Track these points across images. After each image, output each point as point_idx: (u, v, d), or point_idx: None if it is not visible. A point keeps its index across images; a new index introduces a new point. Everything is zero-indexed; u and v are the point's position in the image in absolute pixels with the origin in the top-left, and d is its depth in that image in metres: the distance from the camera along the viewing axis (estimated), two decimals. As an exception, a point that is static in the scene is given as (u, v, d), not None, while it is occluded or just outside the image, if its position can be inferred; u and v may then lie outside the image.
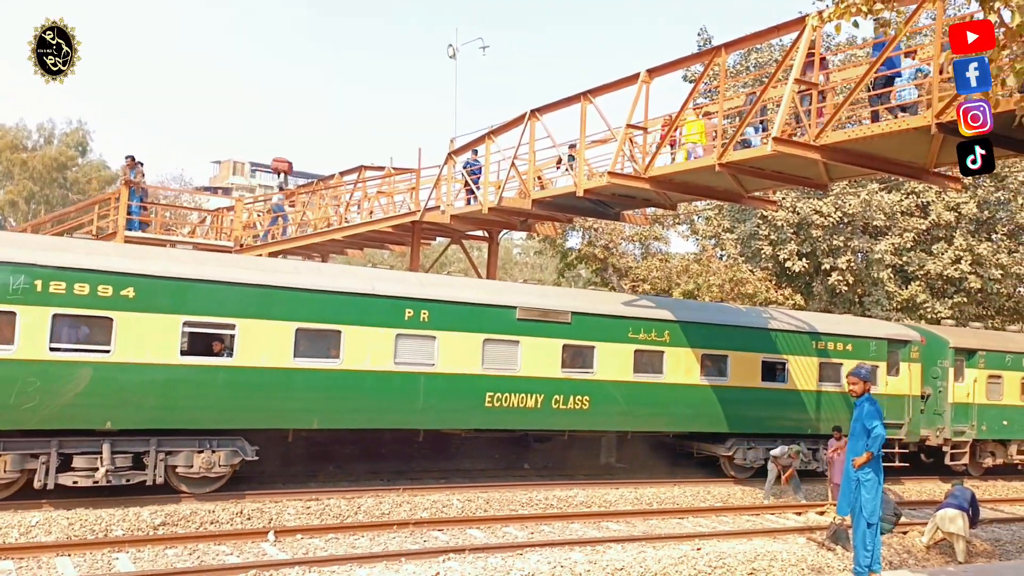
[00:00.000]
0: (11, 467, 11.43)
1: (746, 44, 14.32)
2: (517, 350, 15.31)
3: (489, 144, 17.29)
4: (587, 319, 16.03)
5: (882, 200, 28.17)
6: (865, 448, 9.41)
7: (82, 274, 11.86)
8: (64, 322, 11.79)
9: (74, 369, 11.76)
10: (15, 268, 11.47)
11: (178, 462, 12.60)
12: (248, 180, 78.66)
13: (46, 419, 11.59)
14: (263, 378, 13.10)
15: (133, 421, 12.21)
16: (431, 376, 14.48)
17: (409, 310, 14.33)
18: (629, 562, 10.17)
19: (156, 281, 12.40)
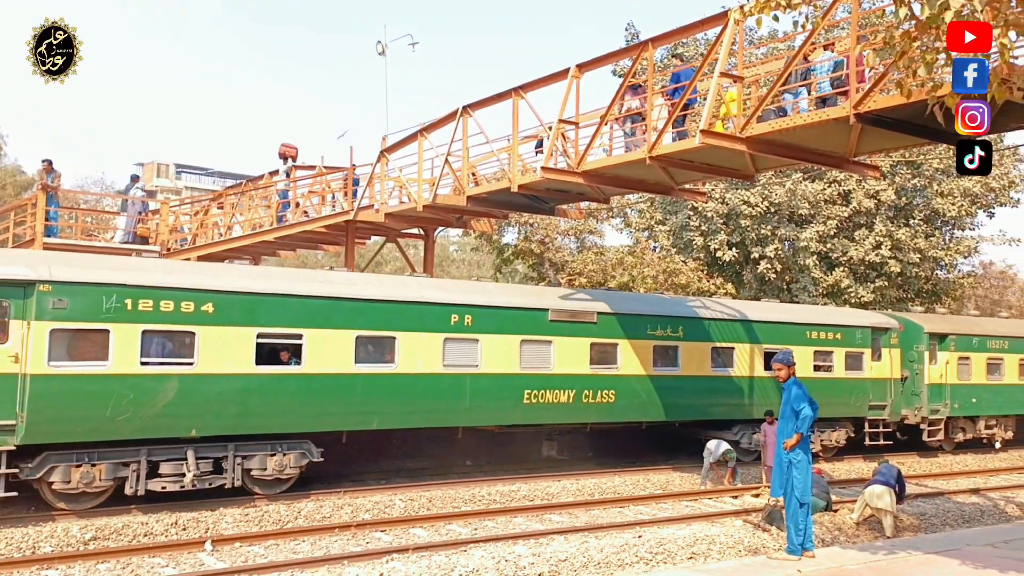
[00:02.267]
0: (106, 476, 12.19)
1: (672, 39, 14.57)
2: (550, 350, 16.30)
3: (422, 141, 17.19)
4: (611, 318, 17.09)
5: (806, 189, 29.05)
6: (795, 430, 9.71)
7: (167, 292, 12.64)
8: (152, 338, 12.54)
9: (162, 382, 12.52)
10: (107, 288, 12.18)
11: (253, 465, 13.36)
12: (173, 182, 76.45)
13: (138, 429, 12.31)
14: (328, 384, 13.96)
15: (214, 428, 12.97)
16: (476, 376, 15.43)
17: (455, 315, 15.27)
18: (572, 552, 10.29)
19: (232, 296, 13.21)
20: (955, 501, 15.33)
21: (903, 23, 7.04)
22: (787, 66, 11.71)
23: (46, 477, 11.86)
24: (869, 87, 10.62)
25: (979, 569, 8.89)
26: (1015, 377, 23.68)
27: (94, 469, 12.11)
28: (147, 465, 12.46)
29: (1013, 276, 47.96)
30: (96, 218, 29.80)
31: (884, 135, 11.92)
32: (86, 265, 12.59)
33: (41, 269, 11.94)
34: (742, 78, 12.67)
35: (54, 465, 11.90)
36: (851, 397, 20.52)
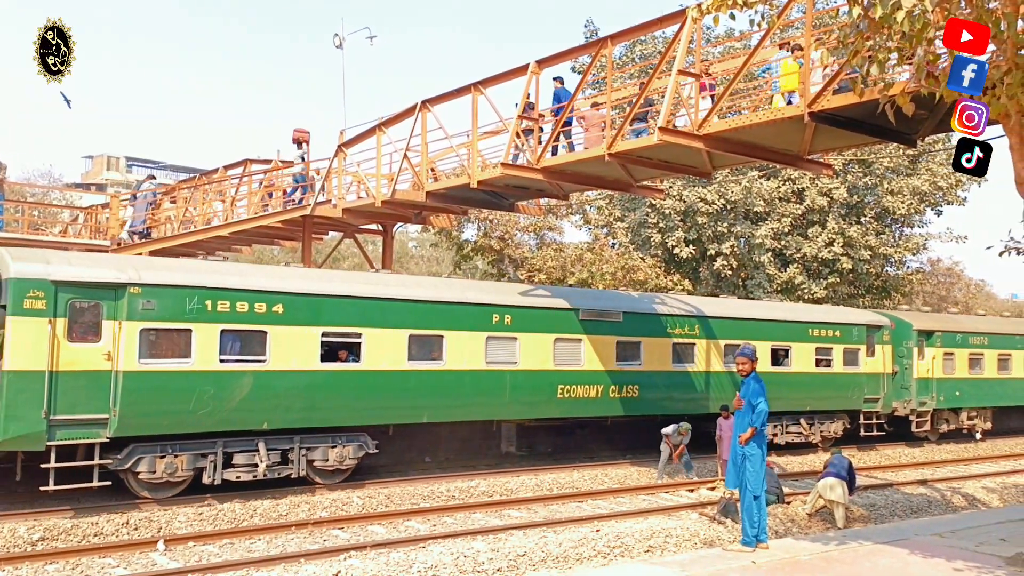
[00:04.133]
0: (186, 466, 12.93)
1: (631, 36, 14.66)
2: (581, 347, 17.19)
3: (380, 136, 17.04)
4: (635, 317, 18.07)
5: (761, 187, 29.50)
6: (749, 424, 9.85)
7: (243, 293, 13.45)
8: (229, 336, 13.31)
9: (238, 378, 13.30)
10: (190, 290, 12.96)
11: (316, 456, 14.10)
12: (124, 176, 74.69)
13: (216, 422, 13.07)
14: (384, 379, 14.75)
15: (283, 421, 13.74)
16: (515, 373, 16.31)
17: (496, 315, 16.14)
18: (531, 547, 10.31)
19: (299, 297, 14.01)
20: (904, 492, 15.71)
21: (857, 22, 7.17)
22: (743, 64, 11.85)
23: (133, 468, 12.55)
24: (824, 85, 10.81)
25: (927, 558, 9.12)
26: (994, 371, 25.05)
27: (176, 460, 12.88)
28: (222, 456, 13.24)
29: (959, 273, 49.36)
30: (43, 212, 29.01)
31: (837, 134, 12.15)
32: (170, 268, 13.52)
33: (131, 272, 12.70)
34: (699, 75, 12.80)
35: (141, 456, 12.61)
36: (848, 391, 21.56)
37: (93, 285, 12.30)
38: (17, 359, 11.65)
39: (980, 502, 15.75)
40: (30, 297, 11.77)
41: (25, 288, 11.78)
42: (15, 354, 11.65)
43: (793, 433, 20.67)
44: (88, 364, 12.11)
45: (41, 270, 12.04)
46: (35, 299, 11.80)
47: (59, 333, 11.92)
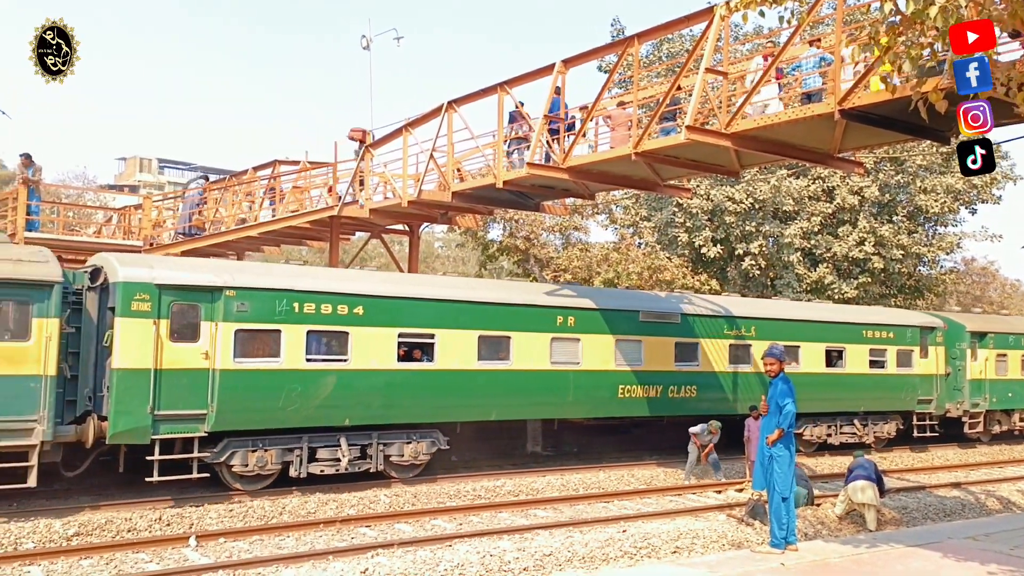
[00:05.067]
0: (275, 460, 13.60)
1: (658, 34, 14.58)
2: (641, 348, 17.54)
3: (406, 136, 17.10)
4: (692, 319, 18.44)
5: (791, 186, 29.20)
6: (776, 425, 9.76)
7: (327, 296, 14.08)
8: (315, 336, 13.95)
9: (323, 376, 13.93)
10: (279, 293, 13.64)
11: (392, 452, 14.71)
12: (156, 177, 75.85)
13: (303, 418, 13.73)
14: (455, 379, 15.33)
15: (363, 418, 14.35)
16: (578, 373, 16.72)
17: (560, 317, 16.61)
18: (557, 547, 10.30)
19: (378, 300, 14.62)
20: (936, 495, 15.47)
21: (888, 18, 7.07)
22: (772, 61, 11.74)
23: (227, 461, 13.20)
24: (854, 83, 10.67)
25: (960, 562, 8.97)
26: None
27: (266, 454, 13.54)
28: (307, 451, 13.88)
29: (994, 272, 48.49)
30: (78, 212, 29.53)
31: (869, 131, 11.99)
32: (261, 272, 14.30)
33: (226, 276, 13.40)
34: (726, 73, 12.70)
35: (235, 450, 13.26)
36: (901, 392, 21.75)
37: (193, 288, 13.01)
38: (126, 358, 12.36)
39: (1015, 505, 15.47)
40: (136, 300, 12.49)
41: (132, 291, 12.49)
42: (124, 353, 12.36)
43: (847, 433, 20.84)
44: (188, 363, 12.84)
45: (146, 274, 12.77)
46: (141, 301, 12.51)
47: (162, 333, 12.65)
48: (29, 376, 11.52)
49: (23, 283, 11.62)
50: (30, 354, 11.57)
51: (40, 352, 11.62)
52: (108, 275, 12.79)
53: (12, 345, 11.50)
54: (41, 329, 11.66)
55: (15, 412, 11.41)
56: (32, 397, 11.50)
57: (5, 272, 11.56)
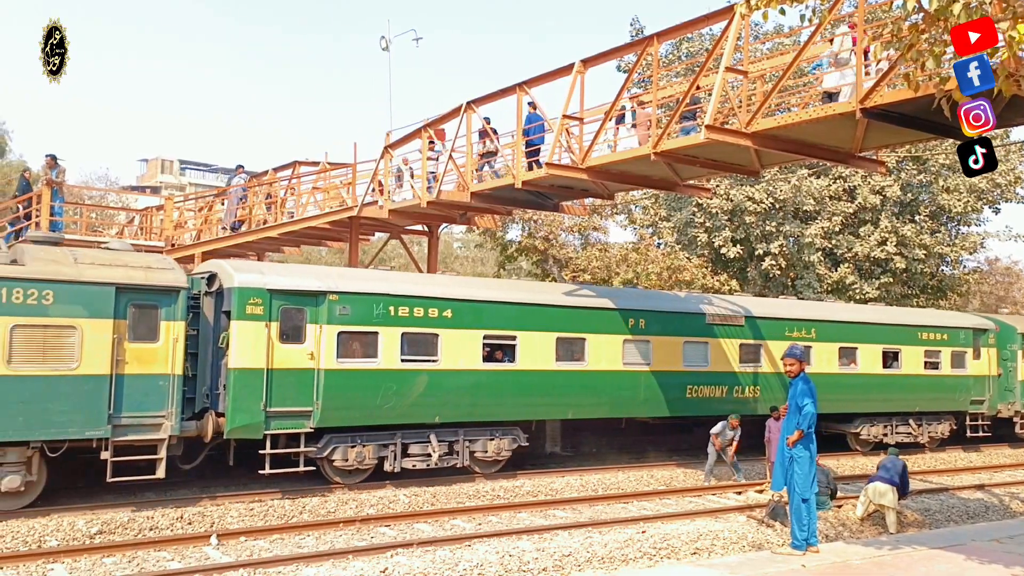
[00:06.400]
0: (372, 456, 14.32)
1: (677, 33, 14.53)
2: (707, 349, 18.12)
3: (426, 137, 17.15)
4: (757, 321, 18.97)
5: (811, 185, 28.95)
6: (796, 426, 9.69)
7: (419, 300, 14.83)
8: (408, 338, 14.62)
9: (416, 376, 14.64)
10: (376, 297, 14.34)
11: (476, 448, 15.35)
12: (178, 178, 76.55)
13: (397, 416, 14.48)
14: (535, 379, 15.97)
15: (451, 416, 15.03)
16: (648, 374, 17.25)
17: (632, 319, 17.15)
18: (576, 548, 10.28)
19: (465, 303, 15.30)
20: (960, 497, 15.29)
21: (911, 15, 7.00)
22: (793, 60, 11.66)
23: (329, 456, 13.94)
24: (876, 81, 10.58)
25: (984, 564, 8.87)
26: None
27: (364, 449, 14.24)
28: (401, 446, 14.60)
29: (1019, 272, 47.83)
30: (101, 213, 29.86)
31: (891, 130, 11.87)
32: (360, 277, 15.01)
33: (329, 281, 14.17)
34: (747, 72, 12.63)
35: (336, 446, 13.99)
36: (955, 393, 22.02)
37: (300, 293, 13.77)
38: (241, 358, 13.13)
39: (1041, 509, 15.25)
40: (250, 304, 13.28)
41: (247, 296, 13.28)
42: (239, 354, 13.13)
43: (903, 433, 21.06)
44: (295, 363, 13.60)
45: (259, 279, 13.56)
46: (254, 305, 13.31)
47: (272, 335, 13.40)
48: (158, 375, 12.39)
49: (153, 289, 12.47)
50: (159, 354, 12.43)
51: (168, 353, 12.49)
52: (223, 281, 13.56)
53: (143, 346, 12.34)
54: (168, 331, 12.52)
55: (147, 408, 12.28)
56: (161, 394, 12.38)
57: (137, 279, 12.37)
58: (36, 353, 11.57)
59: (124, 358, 12.11)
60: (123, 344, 12.13)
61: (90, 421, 11.83)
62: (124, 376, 12.09)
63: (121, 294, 12.14)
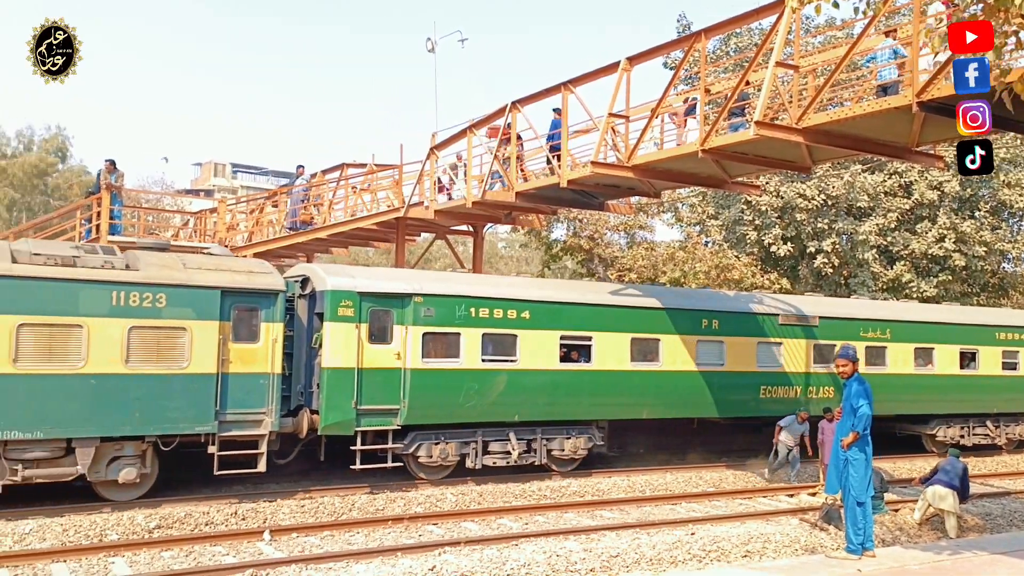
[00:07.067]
0: (454, 453, 14.75)
1: (726, 29, 14.33)
2: (780, 350, 18.24)
3: (470, 137, 17.22)
4: (831, 322, 18.94)
5: (865, 181, 28.31)
6: (851, 428, 9.49)
7: (499, 302, 15.24)
8: (489, 339, 15.04)
9: (496, 375, 15.03)
10: (459, 299, 14.79)
11: (553, 446, 15.68)
12: (230, 182, 78.13)
13: (478, 414, 14.87)
14: (610, 379, 16.18)
15: (529, 415, 15.38)
16: (721, 374, 17.40)
17: (704, 320, 17.30)
18: (624, 549, 10.21)
19: (543, 305, 15.65)
20: (1022, 501, 14.80)
21: (970, 6, 6.80)
22: (846, 54, 11.41)
23: (414, 452, 14.42)
24: (933, 74, 10.29)
25: (1050, 572, 8.57)
26: None
27: (447, 447, 14.65)
28: (481, 444, 14.99)
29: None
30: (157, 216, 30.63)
31: (949, 124, 11.47)
32: (442, 280, 15.60)
33: (415, 284, 14.63)
34: (798, 67, 12.40)
35: (421, 443, 14.49)
36: None
37: (387, 295, 14.24)
38: (334, 358, 13.67)
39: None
40: (342, 306, 13.79)
41: (339, 298, 13.80)
42: (332, 354, 13.67)
43: (980, 435, 20.78)
44: (383, 362, 14.07)
45: (350, 283, 14.06)
46: (346, 307, 13.81)
47: (362, 336, 13.87)
48: (259, 374, 13.00)
49: (254, 292, 13.09)
50: (259, 354, 13.02)
51: (267, 353, 13.06)
52: (315, 284, 14.13)
53: (245, 346, 12.95)
54: (268, 332, 13.13)
55: (249, 405, 12.90)
56: (262, 392, 12.99)
57: (240, 282, 13.00)
58: (150, 353, 12.24)
59: (228, 358, 12.74)
60: (227, 344, 12.75)
61: (199, 417, 12.48)
62: (228, 375, 12.72)
63: (226, 297, 12.78)
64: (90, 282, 11.94)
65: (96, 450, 11.92)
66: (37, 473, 11.61)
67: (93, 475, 11.97)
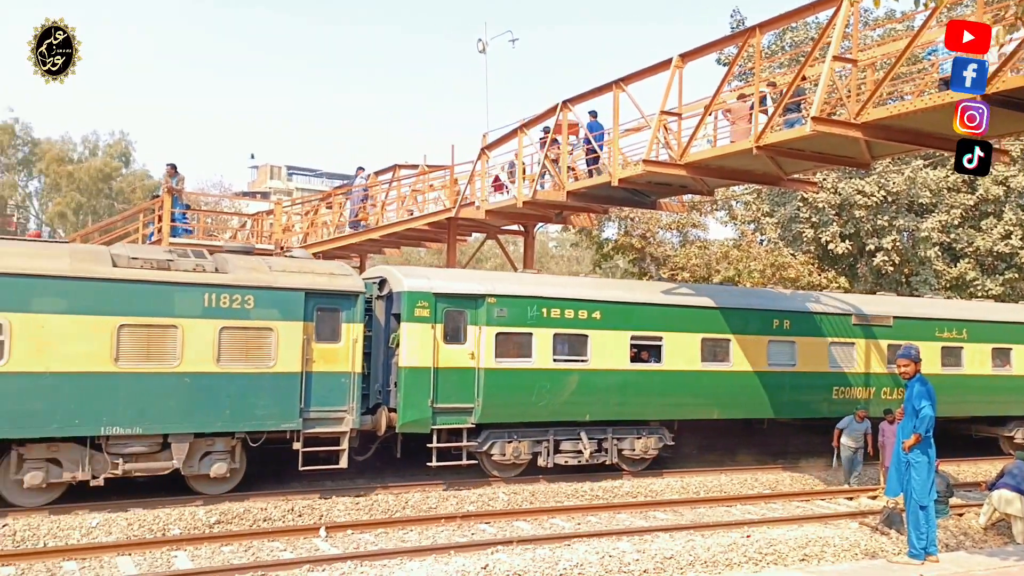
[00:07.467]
0: (526, 452, 14.95)
1: (781, 23, 14.08)
2: (853, 351, 18.07)
3: (521, 137, 17.25)
4: (905, 322, 18.72)
5: (927, 177, 27.51)
6: (913, 430, 9.24)
7: (570, 302, 15.36)
8: (560, 339, 15.22)
9: (567, 375, 15.20)
10: (530, 300, 15.02)
11: (624, 446, 15.80)
12: (285, 184, 79.62)
13: (550, 413, 15.08)
14: (681, 379, 16.27)
15: (600, 414, 15.52)
16: (793, 374, 17.38)
17: (776, 320, 17.33)
18: (678, 550, 10.12)
19: (613, 305, 15.72)
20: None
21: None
22: (907, 47, 11.11)
23: (488, 450, 14.70)
24: (999, 65, 9.96)
25: None
26: None
27: (520, 445, 14.88)
28: (553, 443, 15.18)
29: None
30: (215, 219, 31.38)
31: (1015, 117, 11.13)
32: (514, 281, 15.73)
33: (487, 285, 14.94)
34: (856, 61, 12.12)
35: (494, 441, 14.74)
36: None
37: (461, 296, 14.56)
38: (411, 357, 14.07)
39: None
40: (419, 307, 14.18)
41: (415, 300, 14.19)
42: (410, 353, 14.07)
43: None
44: (457, 362, 14.38)
45: (426, 284, 14.46)
46: (422, 308, 14.20)
47: (437, 336, 14.25)
48: (341, 373, 13.37)
49: (336, 293, 13.47)
50: (340, 354, 13.39)
51: (348, 352, 13.43)
52: (392, 285, 14.54)
53: (327, 346, 13.33)
54: (349, 333, 13.48)
55: (331, 403, 13.30)
56: (343, 391, 13.38)
57: (323, 284, 13.41)
58: (240, 352, 12.70)
59: (312, 357, 13.15)
60: (311, 344, 13.16)
61: (285, 414, 12.92)
62: (312, 374, 13.13)
63: (309, 298, 13.19)
64: (184, 285, 12.44)
65: (190, 445, 12.43)
66: (136, 467, 12.21)
67: (187, 469, 12.49)
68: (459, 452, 14.59)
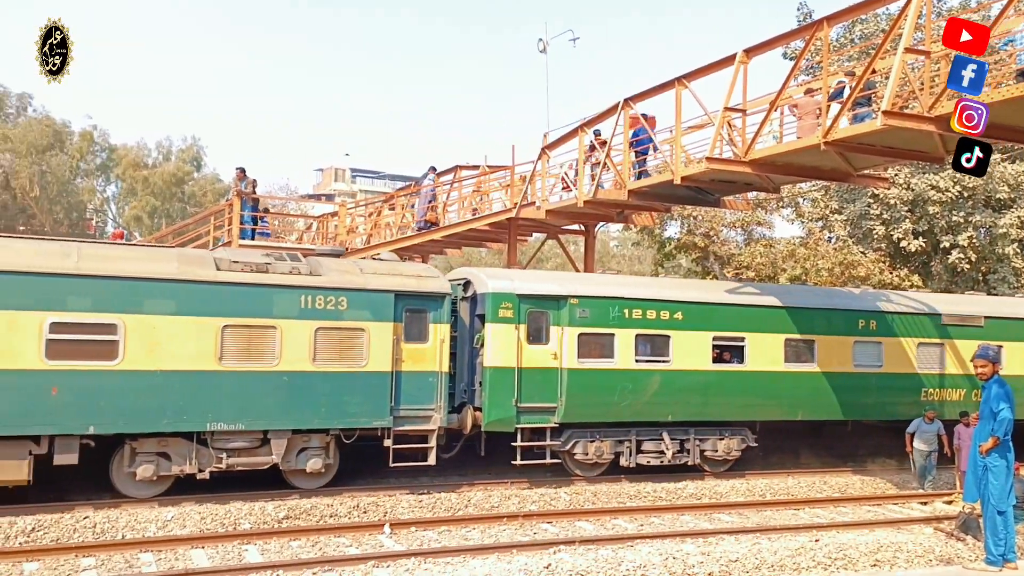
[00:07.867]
0: (608, 451, 15.14)
1: (850, 15, 13.77)
2: (943, 351, 17.81)
3: (582, 136, 17.19)
4: (997, 322, 18.37)
5: (1005, 171, 26.43)
6: (991, 433, 8.92)
7: (652, 303, 15.48)
8: (642, 340, 15.36)
9: (649, 376, 15.34)
10: (612, 301, 15.19)
11: (707, 447, 15.85)
12: (350, 186, 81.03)
13: (632, 413, 15.22)
14: (764, 380, 16.23)
15: (682, 415, 15.58)
16: (880, 375, 17.16)
17: (862, 320, 17.11)
18: (743, 554, 9.95)
19: (695, 306, 15.80)
20: None
21: None
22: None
23: (571, 450, 14.92)
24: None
25: None
26: None
27: (602, 444, 15.05)
28: (635, 443, 15.29)
29: None
30: (282, 221, 32.13)
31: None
32: (596, 282, 16.07)
33: (570, 286, 15.16)
34: (929, 53, 11.73)
35: (577, 440, 14.95)
36: None
37: (544, 297, 14.79)
38: (495, 357, 14.35)
39: None
40: (503, 308, 14.44)
41: (499, 301, 14.47)
42: (494, 353, 14.35)
43: None
44: (541, 362, 14.60)
45: (509, 285, 14.73)
46: (506, 309, 14.45)
47: (521, 337, 14.48)
48: (429, 372, 13.77)
49: (424, 295, 13.88)
50: (428, 354, 13.79)
51: (436, 352, 13.83)
52: (477, 287, 14.84)
53: (415, 346, 13.74)
54: (436, 333, 13.88)
55: (420, 402, 13.69)
56: (431, 390, 13.77)
57: (411, 286, 13.83)
58: (334, 352, 13.14)
59: (401, 357, 13.53)
60: (400, 344, 13.54)
61: (376, 412, 13.33)
62: (402, 373, 13.51)
63: (399, 300, 13.58)
64: (282, 287, 12.91)
65: (288, 441, 12.91)
66: (238, 461, 12.71)
67: (285, 464, 12.97)
68: (542, 451, 14.75)
